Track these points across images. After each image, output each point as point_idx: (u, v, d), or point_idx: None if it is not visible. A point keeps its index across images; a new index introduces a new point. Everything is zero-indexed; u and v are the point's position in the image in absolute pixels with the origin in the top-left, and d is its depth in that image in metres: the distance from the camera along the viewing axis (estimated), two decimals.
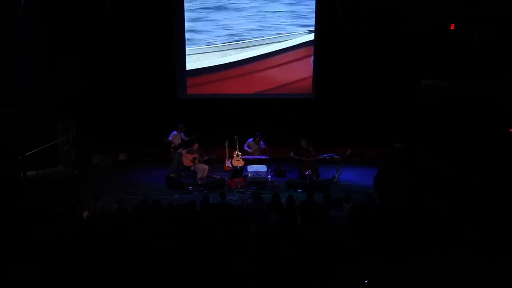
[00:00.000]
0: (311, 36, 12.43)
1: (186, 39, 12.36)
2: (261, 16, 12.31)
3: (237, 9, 12.29)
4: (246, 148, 10.94)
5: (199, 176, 10.27)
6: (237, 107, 12.61)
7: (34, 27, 10.93)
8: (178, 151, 10.74)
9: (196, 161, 10.25)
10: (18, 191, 9.06)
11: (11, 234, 6.03)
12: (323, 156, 12.31)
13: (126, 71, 12.22)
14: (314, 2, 12.24)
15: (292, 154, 10.71)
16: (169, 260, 5.39)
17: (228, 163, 10.96)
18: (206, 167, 10.48)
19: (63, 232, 6.17)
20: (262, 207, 7.61)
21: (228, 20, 12.31)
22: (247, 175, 10.06)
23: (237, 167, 10.68)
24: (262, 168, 10.21)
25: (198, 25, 12.34)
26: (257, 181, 10.16)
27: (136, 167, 12.06)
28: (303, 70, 12.65)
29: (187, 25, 12.31)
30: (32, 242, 5.64)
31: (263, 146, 10.97)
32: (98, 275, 5.07)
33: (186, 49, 12.41)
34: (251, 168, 10.22)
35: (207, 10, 12.27)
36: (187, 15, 12.25)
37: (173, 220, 6.96)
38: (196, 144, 10.62)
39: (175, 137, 10.81)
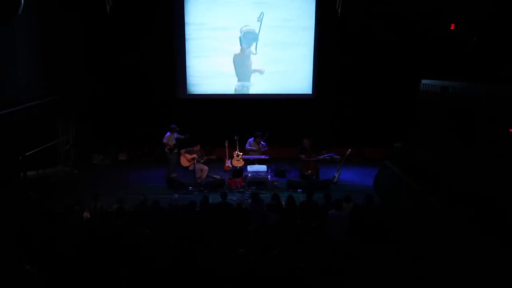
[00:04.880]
0: (311, 36, 12.44)
1: (186, 39, 12.37)
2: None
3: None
4: (248, 146, 10.93)
5: (197, 175, 10.26)
6: (237, 107, 12.61)
7: (34, 27, 10.93)
8: (174, 151, 10.74)
9: (195, 161, 10.23)
10: (18, 191, 9.06)
11: (11, 234, 6.03)
12: (323, 156, 12.31)
13: (126, 71, 12.23)
14: (314, 2, 12.25)
15: (303, 156, 10.64)
16: (168, 260, 5.39)
17: (228, 163, 10.96)
18: (205, 168, 10.48)
19: (63, 232, 6.16)
20: (262, 207, 7.62)
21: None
22: (247, 175, 10.06)
23: (237, 167, 10.68)
24: (262, 168, 10.21)
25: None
26: (257, 181, 10.16)
27: (136, 167, 12.06)
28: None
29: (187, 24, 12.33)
30: (31, 243, 5.64)
31: (264, 146, 10.96)
32: (98, 276, 5.07)
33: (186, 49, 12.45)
34: (251, 168, 10.22)
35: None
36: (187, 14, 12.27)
37: (173, 220, 6.97)
38: (198, 146, 10.60)
39: (169, 138, 10.78)
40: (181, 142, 10.91)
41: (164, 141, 10.74)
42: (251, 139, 11.01)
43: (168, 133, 10.80)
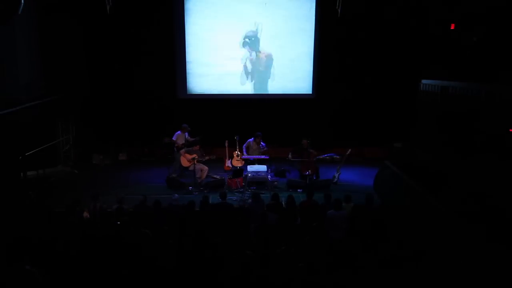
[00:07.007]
0: (311, 36, 12.44)
1: (186, 39, 12.37)
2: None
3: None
4: (244, 150, 10.90)
5: (197, 175, 10.25)
6: (237, 107, 12.62)
7: (34, 27, 10.93)
8: (182, 151, 10.72)
9: (195, 161, 10.23)
10: (18, 191, 9.05)
11: (10, 234, 6.03)
12: (323, 156, 12.32)
13: (126, 71, 12.24)
14: (314, 2, 12.26)
15: (290, 156, 10.66)
16: (168, 260, 5.39)
17: (228, 163, 10.95)
18: (205, 168, 10.47)
19: (63, 232, 6.16)
20: (262, 207, 7.61)
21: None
22: (247, 175, 10.05)
23: (237, 167, 10.67)
24: (262, 168, 10.19)
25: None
26: (257, 181, 10.15)
27: (136, 167, 12.05)
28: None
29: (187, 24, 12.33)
30: (31, 243, 5.63)
31: (264, 146, 10.95)
32: (98, 276, 5.07)
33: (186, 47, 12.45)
34: (251, 168, 10.21)
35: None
36: (187, 14, 12.28)
37: (173, 220, 6.96)
38: (198, 146, 10.61)
39: (179, 137, 10.77)
40: (190, 143, 10.89)
41: (173, 138, 10.72)
42: (251, 139, 11.01)
43: (179, 132, 10.79)
